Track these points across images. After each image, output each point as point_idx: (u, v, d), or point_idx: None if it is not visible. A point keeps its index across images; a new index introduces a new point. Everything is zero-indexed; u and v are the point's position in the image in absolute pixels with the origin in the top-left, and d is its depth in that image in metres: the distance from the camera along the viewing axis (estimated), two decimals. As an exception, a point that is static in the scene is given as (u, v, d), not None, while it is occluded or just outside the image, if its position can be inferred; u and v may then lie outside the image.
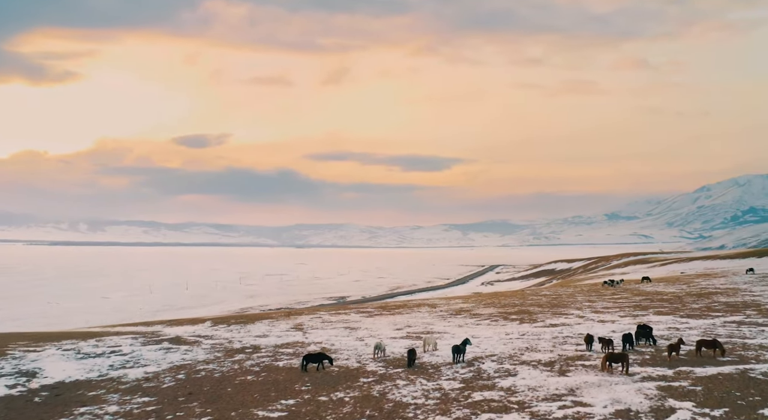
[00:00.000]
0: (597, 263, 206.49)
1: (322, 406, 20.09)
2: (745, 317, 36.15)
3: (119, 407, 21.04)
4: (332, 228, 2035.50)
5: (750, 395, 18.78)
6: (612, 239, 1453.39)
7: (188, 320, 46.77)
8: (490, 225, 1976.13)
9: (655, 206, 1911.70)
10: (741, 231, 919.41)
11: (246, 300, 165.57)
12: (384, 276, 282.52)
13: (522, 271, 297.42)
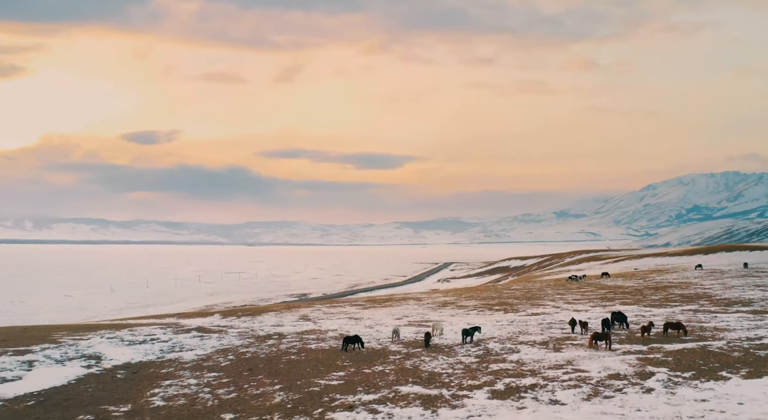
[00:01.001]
0: (551, 260, 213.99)
1: (369, 375, 24.68)
2: (699, 306, 42.04)
3: (197, 380, 25.19)
4: (284, 226, 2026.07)
5: (710, 362, 24.07)
6: (561, 237, 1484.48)
7: (196, 313, 50.52)
8: (442, 223, 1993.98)
9: (603, 204, 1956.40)
10: (685, 229, 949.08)
11: (208, 298, 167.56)
12: (341, 273, 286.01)
13: (476, 269, 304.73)
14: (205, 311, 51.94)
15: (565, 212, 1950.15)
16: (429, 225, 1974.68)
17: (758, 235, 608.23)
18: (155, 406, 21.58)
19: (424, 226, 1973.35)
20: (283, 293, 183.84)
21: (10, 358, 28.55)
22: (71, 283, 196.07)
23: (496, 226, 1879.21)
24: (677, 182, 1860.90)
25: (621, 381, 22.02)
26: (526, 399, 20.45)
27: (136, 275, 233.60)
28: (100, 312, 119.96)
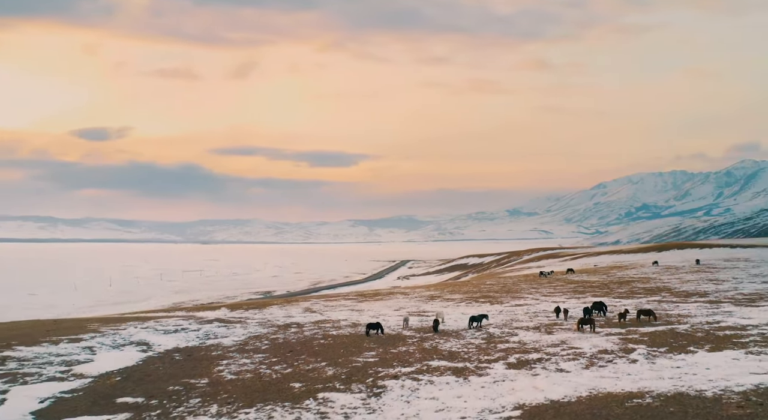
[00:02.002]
0: (509, 258, 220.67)
1: (398, 354, 29.35)
2: (662, 297, 47.87)
3: (249, 360, 29.49)
4: (237, 224, 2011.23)
5: (680, 340, 29.42)
6: (514, 235, 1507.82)
7: (206, 307, 54.36)
8: (396, 221, 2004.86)
9: (555, 203, 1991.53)
10: (634, 227, 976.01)
11: (174, 295, 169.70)
12: (300, 271, 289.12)
13: (435, 266, 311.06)
14: (213, 306, 55.81)
15: (517, 210, 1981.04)
16: (383, 223, 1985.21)
17: (705, 232, 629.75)
18: (228, 379, 25.87)
19: (379, 224, 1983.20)
20: (248, 291, 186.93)
21: (70, 345, 32.35)
22: (32, 281, 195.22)
23: (450, 224, 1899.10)
24: (627, 181, 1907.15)
25: (610, 355, 27.18)
26: (537, 368, 25.44)
27: (95, 274, 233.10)
28: (71, 310, 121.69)
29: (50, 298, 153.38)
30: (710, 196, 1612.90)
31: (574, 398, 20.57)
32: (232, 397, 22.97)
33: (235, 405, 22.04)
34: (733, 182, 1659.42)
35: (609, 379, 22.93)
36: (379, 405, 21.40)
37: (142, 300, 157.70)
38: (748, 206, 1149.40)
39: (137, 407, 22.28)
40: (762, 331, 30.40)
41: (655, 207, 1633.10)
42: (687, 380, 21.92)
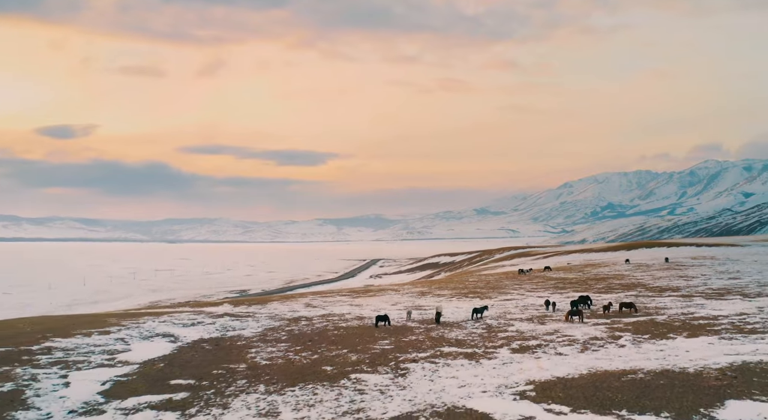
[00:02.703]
0: (481, 257, 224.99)
1: (410, 342, 32.64)
2: (638, 292, 51.89)
3: (274, 348, 32.52)
4: (205, 222, 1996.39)
5: (660, 329, 33.20)
6: (481, 233, 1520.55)
7: (209, 303, 57.00)
8: (364, 220, 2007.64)
9: (522, 202, 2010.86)
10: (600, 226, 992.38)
11: (151, 294, 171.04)
12: (272, 270, 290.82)
13: (407, 265, 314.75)
14: (215, 303, 58.38)
15: (485, 209, 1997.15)
16: (352, 222, 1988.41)
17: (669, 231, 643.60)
18: (263, 364, 28.90)
19: (347, 222, 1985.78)
20: (223, 290, 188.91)
21: (103, 337, 35.05)
22: (3, 281, 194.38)
23: (418, 223, 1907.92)
24: (592, 181, 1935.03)
25: (600, 341, 30.82)
26: (538, 352, 28.94)
27: (66, 273, 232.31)
28: (49, 309, 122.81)
29: (26, 297, 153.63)
30: (674, 196, 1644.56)
31: (577, 375, 24.07)
32: (274, 379, 26.04)
33: (279, 384, 25.12)
34: (696, 182, 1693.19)
35: (603, 361, 26.50)
36: (407, 383, 24.67)
37: (119, 299, 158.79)
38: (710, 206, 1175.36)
39: (191, 387, 25.23)
40: (732, 321, 34.33)
41: (620, 206, 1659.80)
42: (671, 360, 25.57)
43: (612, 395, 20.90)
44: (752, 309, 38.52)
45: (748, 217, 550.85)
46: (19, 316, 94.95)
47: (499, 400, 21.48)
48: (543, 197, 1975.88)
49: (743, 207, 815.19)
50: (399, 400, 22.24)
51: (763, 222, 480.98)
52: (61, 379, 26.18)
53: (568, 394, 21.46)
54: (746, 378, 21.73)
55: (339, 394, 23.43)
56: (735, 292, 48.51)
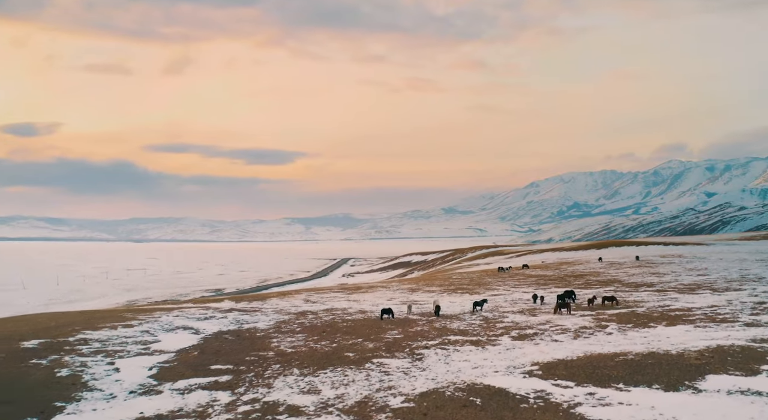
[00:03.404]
0: (453, 255, 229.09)
1: (417, 332, 35.95)
2: (615, 288, 55.89)
3: (293, 339, 35.55)
4: (171, 222, 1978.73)
5: (641, 319, 36.99)
6: (449, 233, 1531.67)
7: (210, 300, 59.58)
8: (333, 219, 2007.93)
9: (489, 201, 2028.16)
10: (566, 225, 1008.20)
11: (126, 293, 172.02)
12: (244, 270, 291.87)
13: (378, 264, 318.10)
14: (216, 299, 60.96)
15: (453, 209, 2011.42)
16: (320, 221, 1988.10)
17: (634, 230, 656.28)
18: (289, 352, 31.95)
19: (315, 222, 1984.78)
20: (198, 289, 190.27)
21: (128, 330, 37.75)
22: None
23: (386, 222, 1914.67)
24: (559, 180, 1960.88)
25: (589, 330, 34.47)
26: (536, 339, 32.48)
27: (37, 272, 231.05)
28: (27, 308, 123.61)
29: (1, 296, 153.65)
30: (638, 195, 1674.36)
31: (575, 357, 27.59)
32: (305, 363, 29.14)
33: (310, 368, 28.23)
34: (660, 182, 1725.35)
35: (596, 346, 30.11)
36: (425, 366, 27.96)
37: (95, 298, 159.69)
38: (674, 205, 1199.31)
39: (232, 371, 28.22)
40: (705, 312, 38.30)
41: (585, 206, 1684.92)
42: (655, 344, 29.25)
43: (608, 372, 24.43)
44: (722, 302, 42.62)
45: (710, 216, 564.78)
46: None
47: (510, 378, 24.88)
48: (510, 197, 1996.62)
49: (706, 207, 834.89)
50: (423, 380, 25.52)
51: (725, 221, 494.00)
52: (109, 366, 28.95)
53: (570, 372, 24.95)
54: (721, 358, 25.44)
55: (368, 375, 26.63)
56: (705, 287, 52.72)
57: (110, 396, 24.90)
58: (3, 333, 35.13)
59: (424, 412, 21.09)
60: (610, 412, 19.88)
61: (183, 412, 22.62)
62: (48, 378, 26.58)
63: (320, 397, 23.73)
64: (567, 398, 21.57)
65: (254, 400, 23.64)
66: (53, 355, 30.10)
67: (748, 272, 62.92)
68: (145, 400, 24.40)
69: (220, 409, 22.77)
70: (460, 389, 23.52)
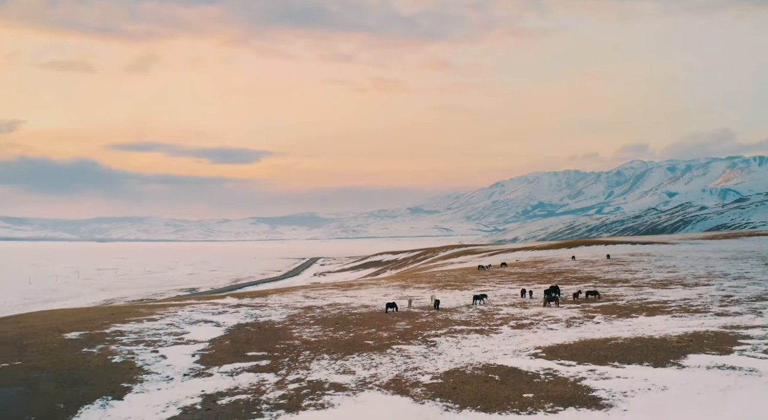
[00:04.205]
0: (425, 254, 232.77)
1: (423, 323, 39.72)
2: (594, 284, 60.34)
3: (310, 329, 39.01)
4: (135, 221, 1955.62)
5: (623, 310, 41.27)
6: (416, 232, 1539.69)
7: (214, 296, 62.55)
8: (299, 218, 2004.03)
9: (455, 201, 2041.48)
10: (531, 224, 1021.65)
11: (101, 293, 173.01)
12: (215, 269, 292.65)
13: (349, 263, 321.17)
14: (218, 296, 63.92)
15: (418, 208, 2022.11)
16: (286, 220, 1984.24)
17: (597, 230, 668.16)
18: (312, 340, 35.46)
19: (281, 221, 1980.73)
20: (172, 288, 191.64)
21: (154, 323, 40.86)
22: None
23: (352, 222, 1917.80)
24: (523, 180, 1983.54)
25: (579, 320, 38.62)
26: (533, 328, 36.50)
27: (6, 273, 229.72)
28: (4, 307, 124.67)
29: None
30: (602, 195, 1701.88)
31: (572, 342, 31.63)
32: (331, 350, 32.71)
33: (338, 354, 31.81)
34: (623, 182, 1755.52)
35: (587, 333, 34.21)
36: (440, 351, 31.74)
37: (70, 297, 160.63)
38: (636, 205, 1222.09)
39: (267, 357, 31.66)
40: (679, 304, 42.77)
41: (550, 205, 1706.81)
42: (639, 331, 33.45)
43: (604, 353, 28.49)
44: (693, 295, 47.22)
45: (672, 216, 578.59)
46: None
47: (519, 359, 28.78)
48: (476, 196, 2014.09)
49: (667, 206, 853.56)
50: (442, 361, 29.30)
51: (686, 221, 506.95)
52: (154, 354, 32.18)
53: (570, 353, 28.96)
54: (699, 341, 29.67)
55: (392, 359, 30.33)
56: (676, 283, 57.44)
57: (167, 378, 28.20)
58: (42, 326, 38.03)
59: (453, 386, 24.85)
60: (611, 383, 23.84)
61: (240, 390, 26.06)
62: (105, 363, 29.75)
63: (356, 376, 27.35)
64: (572, 374, 25.51)
65: (299, 380, 27.17)
66: (100, 345, 33.19)
67: (713, 269, 67.97)
68: (200, 381, 27.76)
69: (272, 387, 26.25)
70: (478, 369, 27.33)
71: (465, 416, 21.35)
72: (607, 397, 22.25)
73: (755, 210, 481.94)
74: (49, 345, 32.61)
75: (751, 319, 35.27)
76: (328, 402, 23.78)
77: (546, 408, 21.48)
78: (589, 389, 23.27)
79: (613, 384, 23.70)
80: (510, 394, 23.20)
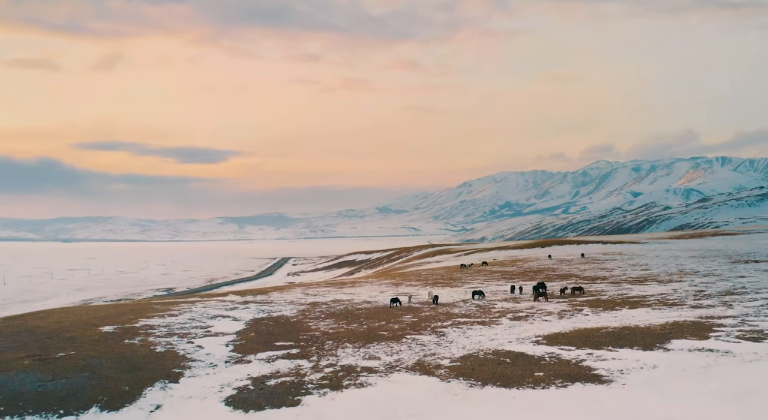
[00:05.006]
0: (399, 254, 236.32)
1: (428, 316, 43.49)
2: (576, 281, 64.73)
3: (324, 323, 42.50)
4: (100, 221, 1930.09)
5: (607, 304, 45.51)
6: (384, 232, 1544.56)
7: (217, 294, 65.60)
8: (267, 218, 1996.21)
9: (423, 200, 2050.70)
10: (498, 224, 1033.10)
11: (78, 293, 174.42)
12: (187, 269, 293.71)
13: (321, 262, 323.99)
14: (220, 293, 66.95)
15: (387, 208, 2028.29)
16: (253, 220, 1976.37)
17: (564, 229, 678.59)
18: (330, 332, 38.98)
19: (249, 221, 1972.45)
20: (149, 288, 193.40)
21: (176, 318, 43.99)
22: None
23: (320, 222, 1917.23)
24: (491, 180, 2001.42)
25: (569, 312, 42.75)
26: (530, 320, 40.51)
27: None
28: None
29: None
30: (568, 195, 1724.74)
31: (567, 331, 35.66)
32: (352, 340, 36.31)
33: (359, 343, 35.42)
34: (588, 182, 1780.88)
35: (580, 323, 38.31)
36: (450, 340, 35.53)
37: (49, 298, 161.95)
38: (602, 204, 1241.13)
39: (295, 346, 35.14)
40: (657, 298, 47.21)
41: (517, 205, 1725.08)
42: (625, 321, 37.64)
43: (598, 340, 32.54)
44: (668, 290, 51.79)
45: (637, 215, 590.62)
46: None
47: (523, 345, 32.70)
48: (443, 196, 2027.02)
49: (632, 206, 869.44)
50: (455, 348, 33.10)
51: (651, 221, 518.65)
52: (189, 344, 35.46)
53: (569, 340, 32.97)
54: (679, 329, 33.91)
55: (409, 347, 34.05)
56: (651, 279, 62.09)
57: (211, 364, 31.57)
58: (73, 321, 40.98)
59: (471, 367, 28.65)
60: (608, 364, 27.84)
61: (281, 373, 29.54)
62: (150, 353, 32.98)
63: (382, 361, 31.01)
64: (573, 357, 29.48)
65: (331, 365, 30.73)
66: (138, 337, 36.35)
67: (684, 267, 72.93)
68: (242, 367, 31.18)
69: (310, 371, 29.78)
70: (489, 354, 31.17)
71: (488, 390, 25.14)
72: (606, 374, 26.21)
73: (718, 210, 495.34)
74: (92, 337, 35.69)
75: (723, 310, 39.74)
76: (365, 381, 27.41)
77: (556, 383, 25.35)
78: (590, 368, 27.22)
79: (610, 364, 27.70)
80: (523, 373, 27.06)
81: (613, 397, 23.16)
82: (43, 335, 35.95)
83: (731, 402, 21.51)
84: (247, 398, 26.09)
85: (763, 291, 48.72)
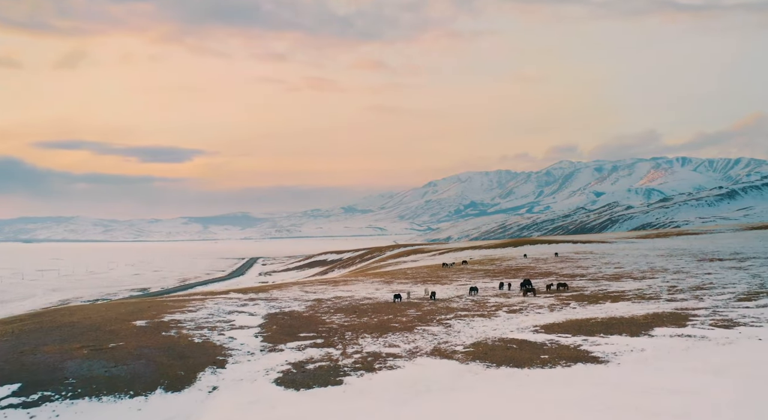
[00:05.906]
0: (371, 254, 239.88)
1: (431, 310, 47.68)
2: (556, 278, 69.52)
3: (335, 317, 46.39)
4: (61, 221, 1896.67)
5: (591, 299, 50.19)
6: (350, 231, 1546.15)
7: (219, 292, 68.94)
8: (231, 218, 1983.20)
9: (388, 200, 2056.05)
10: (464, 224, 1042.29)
11: (54, 294, 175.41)
12: (158, 269, 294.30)
13: (293, 262, 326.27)
14: (222, 291, 70.27)
15: (352, 208, 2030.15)
16: (218, 220, 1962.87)
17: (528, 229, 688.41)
18: (346, 324, 42.92)
19: (213, 221, 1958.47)
20: (123, 288, 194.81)
21: (195, 313, 47.54)
22: None
23: (286, 221, 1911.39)
24: (456, 180, 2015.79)
25: (558, 306, 47.33)
26: (524, 312, 44.98)
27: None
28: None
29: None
30: (532, 195, 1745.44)
31: (561, 321, 40.17)
32: (368, 331, 40.34)
33: (376, 333, 39.47)
34: (552, 182, 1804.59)
35: (570, 315, 42.87)
36: (457, 330, 39.78)
37: (25, 298, 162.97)
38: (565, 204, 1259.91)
39: (318, 336, 39.04)
40: (635, 293, 52.11)
41: (482, 204, 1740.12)
42: (610, 313, 42.31)
43: (589, 328, 37.09)
44: (644, 286, 56.79)
45: (600, 215, 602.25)
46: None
47: (524, 334, 37.10)
48: (409, 196, 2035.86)
49: (595, 206, 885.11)
50: (464, 337, 37.37)
51: (614, 220, 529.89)
52: (221, 336, 39.16)
53: (564, 329, 37.47)
54: (659, 318, 38.66)
55: (422, 336, 38.22)
56: (626, 276, 67.18)
57: (249, 353, 35.35)
58: (102, 317, 44.32)
59: (484, 352, 32.93)
60: (602, 348, 32.34)
61: (315, 359, 33.46)
62: (190, 343, 36.63)
63: (402, 348, 35.12)
64: (571, 343, 33.93)
65: (358, 352, 34.75)
66: (173, 330, 39.92)
67: (654, 265, 78.30)
68: (277, 355, 35.02)
69: (340, 357, 33.75)
70: (496, 341, 35.49)
71: (504, 370, 29.41)
72: (602, 356, 30.67)
73: (678, 209, 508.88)
74: (131, 331, 39.18)
75: (696, 303, 44.69)
76: (393, 364, 31.50)
77: (561, 364, 29.73)
78: (587, 352, 31.68)
79: (604, 348, 32.19)
80: (531, 356, 31.41)
81: (612, 373, 27.58)
82: (84, 329, 39.26)
83: (711, 374, 26.08)
84: (294, 379, 29.97)
85: (729, 286, 53.95)
